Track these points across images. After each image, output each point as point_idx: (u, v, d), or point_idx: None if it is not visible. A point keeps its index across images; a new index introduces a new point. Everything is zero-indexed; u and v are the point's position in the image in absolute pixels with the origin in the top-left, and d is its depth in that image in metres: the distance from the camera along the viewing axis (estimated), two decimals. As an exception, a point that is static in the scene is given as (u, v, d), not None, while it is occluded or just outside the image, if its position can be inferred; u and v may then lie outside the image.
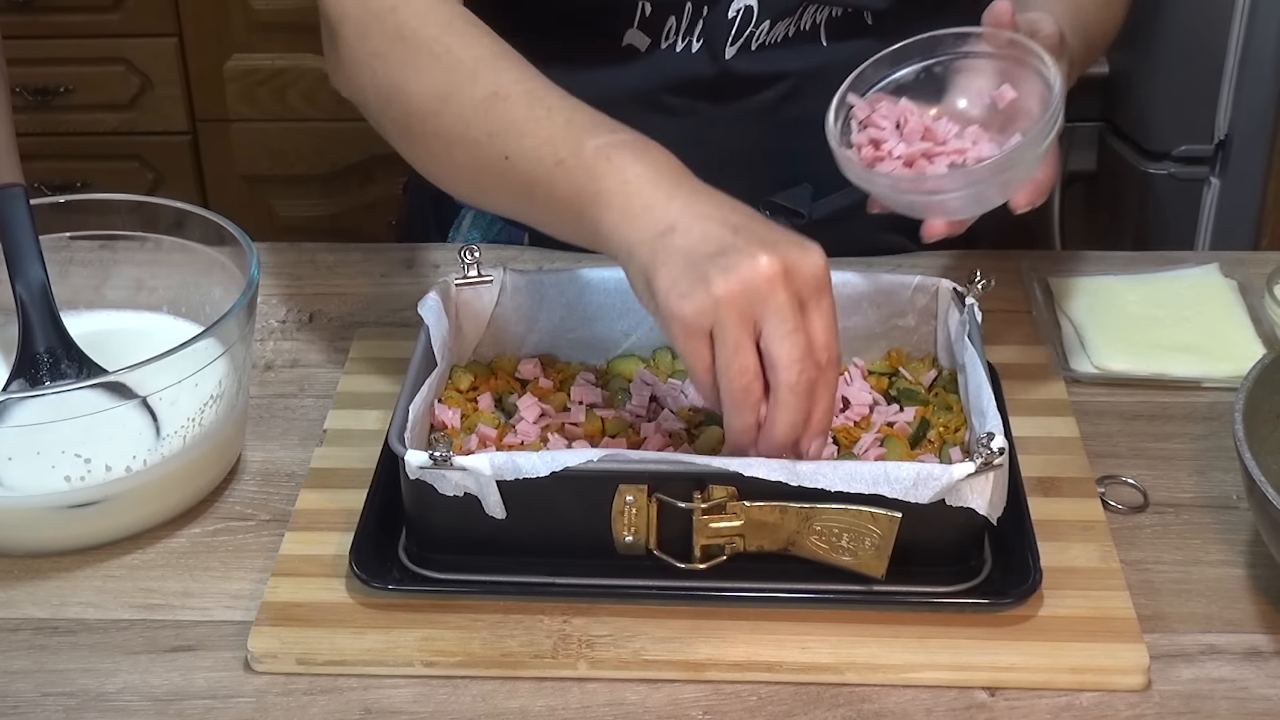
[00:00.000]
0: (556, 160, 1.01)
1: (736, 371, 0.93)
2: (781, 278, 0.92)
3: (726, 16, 1.28)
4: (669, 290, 0.93)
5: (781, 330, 0.92)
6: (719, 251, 0.93)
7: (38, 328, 1.14)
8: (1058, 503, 1.08)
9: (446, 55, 1.09)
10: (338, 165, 2.67)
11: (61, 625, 1.02)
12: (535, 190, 1.03)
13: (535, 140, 1.03)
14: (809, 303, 0.94)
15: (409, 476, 0.99)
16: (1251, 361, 1.05)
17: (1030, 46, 1.09)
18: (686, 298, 0.92)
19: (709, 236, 0.94)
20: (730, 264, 0.92)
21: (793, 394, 0.93)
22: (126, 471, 1.06)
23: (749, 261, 0.92)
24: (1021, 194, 1.08)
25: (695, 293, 0.92)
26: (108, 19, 2.55)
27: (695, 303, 0.92)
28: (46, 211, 1.19)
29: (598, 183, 0.99)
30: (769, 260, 0.92)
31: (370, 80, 1.13)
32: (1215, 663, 0.97)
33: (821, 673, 0.96)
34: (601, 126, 1.03)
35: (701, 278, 0.92)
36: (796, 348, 0.92)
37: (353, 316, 1.33)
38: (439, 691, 0.96)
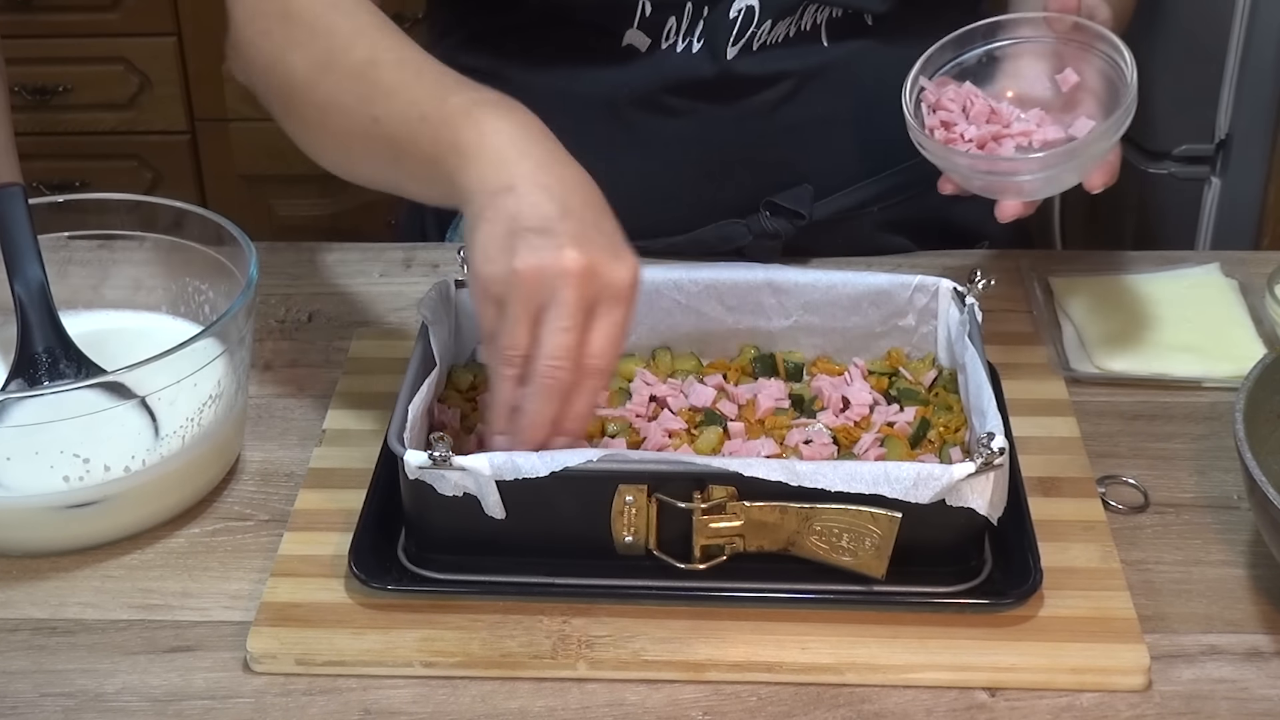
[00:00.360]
0: (421, 116, 1.03)
1: (507, 344, 0.96)
2: (579, 276, 0.94)
3: (728, 17, 1.28)
4: (479, 249, 0.96)
5: (556, 325, 0.94)
6: (537, 229, 0.95)
7: (36, 327, 1.13)
8: (1058, 503, 1.08)
9: (327, 30, 1.12)
10: (337, 165, 2.66)
11: (60, 625, 1.01)
12: (401, 148, 1.05)
13: (402, 101, 1.05)
14: (599, 308, 0.95)
15: (408, 476, 0.99)
16: (1252, 361, 1.05)
17: (1100, 31, 1.14)
18: (490, 263, 0.95)
19: (538, 210, 0.96)
20: (539, 246, 0.94)
21: (543, 387, 0.95)
22: (125, 471, 1.06)
23: (555, 251, 0.94)
24: (1097, 175, 1.12)
25: (498, 260, 0.95)
26: (107, 18, 2.55)
27: (493, 270, 0.95)
28: (45, 211, 1.19)
29: (456, 134, 1.01)
30: (575, 256, 0.94)
31: (255, 56, 1.17)
32: (1216, 663, 0.97)
33: (821, 673, 0.96)
34: (466, 85, 1.05)
35: (509, 249, 0.95)
36: (562, 346, 0.94)
37: (352, 316, 1.33)
38: (438, 692, 0.96)
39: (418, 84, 1.06)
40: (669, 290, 1.17)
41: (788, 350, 1.18)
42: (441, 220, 1.51)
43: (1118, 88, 1.13)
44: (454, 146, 1.00)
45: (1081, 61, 1.16)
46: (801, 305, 1.17)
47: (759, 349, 1.18)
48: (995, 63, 1.19)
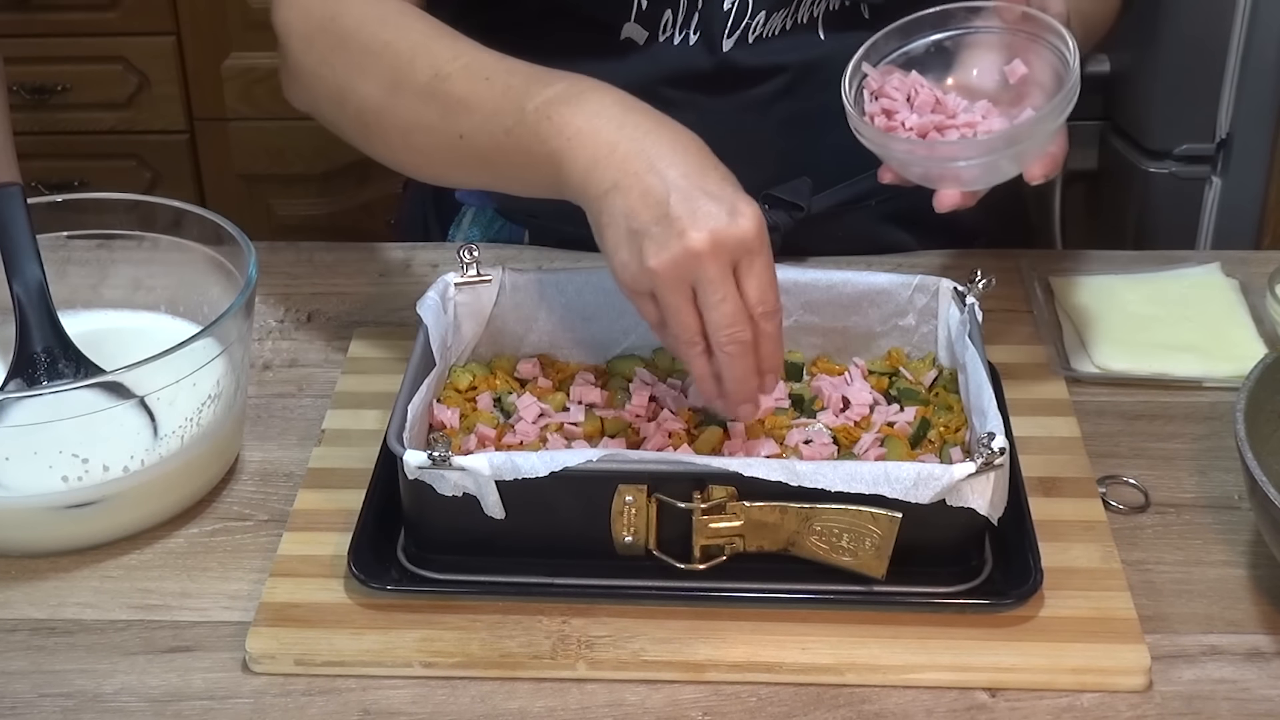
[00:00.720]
0: (505, 130, 1.06)
1: (677, 331, 1.00)
2: (709, 252, 0.97)
3: (723, 8, 1.28)
4: (611, 256, 1.00)
5: (711, 300, 0.98)
6: (654, 221, 0.98)
7: (35, 327, 1.13)
8: (1059, 503, 1.08)
9: (385, 50, 1.13)
10: (336, 164, 2.66)
11: (59, 626, 1.01)
12: (494, 161, 1.08)
13: (482, 114, 1.08)
14: (740, 265, 0.98)
15: (408, 476, 0.99)
16: (1253, 361, 1.05)
17: (1047, 21, 1.12)
18: (625, 267, 0.99)
19: (646, 201, 0.98)
20: (662, 239, 0.97)
21: (729, 354, 0.99)
22: (124, 471, 1.05)
23: (678, 240, 0.97)
24: (1036, 166, 1.10)
25: (632, 264, 0.99)
26: (105, 17, 2.55)
27: (632, 272, 0.99)
28: (44, 210, 1.19)
29: (545, 145, 1.03)
30: (697, 237, 0.96)
31: (321, 87, 1.18)
32: (1217, 663, 0.97)
33: (822, 673, 0.96)
34: (536, 83, 1.06)
35: (637, 251, 0.98)
36: (726, 314, 0.98)
37: (351, 316, 1.33)
38: (437, 692, 0.96)
39: (490, 93, 1.08)
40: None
41: (788, 350, 1.18)
42: (443, 219, 1.51)
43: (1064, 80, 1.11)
44: (548, 159, 1.03)
45: (1031, 53, 1.14)
46: (801, 305, 1.16)
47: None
48: (944, 53, 1.17)
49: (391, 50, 1.13)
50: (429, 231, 1.51)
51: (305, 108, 1.23)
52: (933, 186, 1.11)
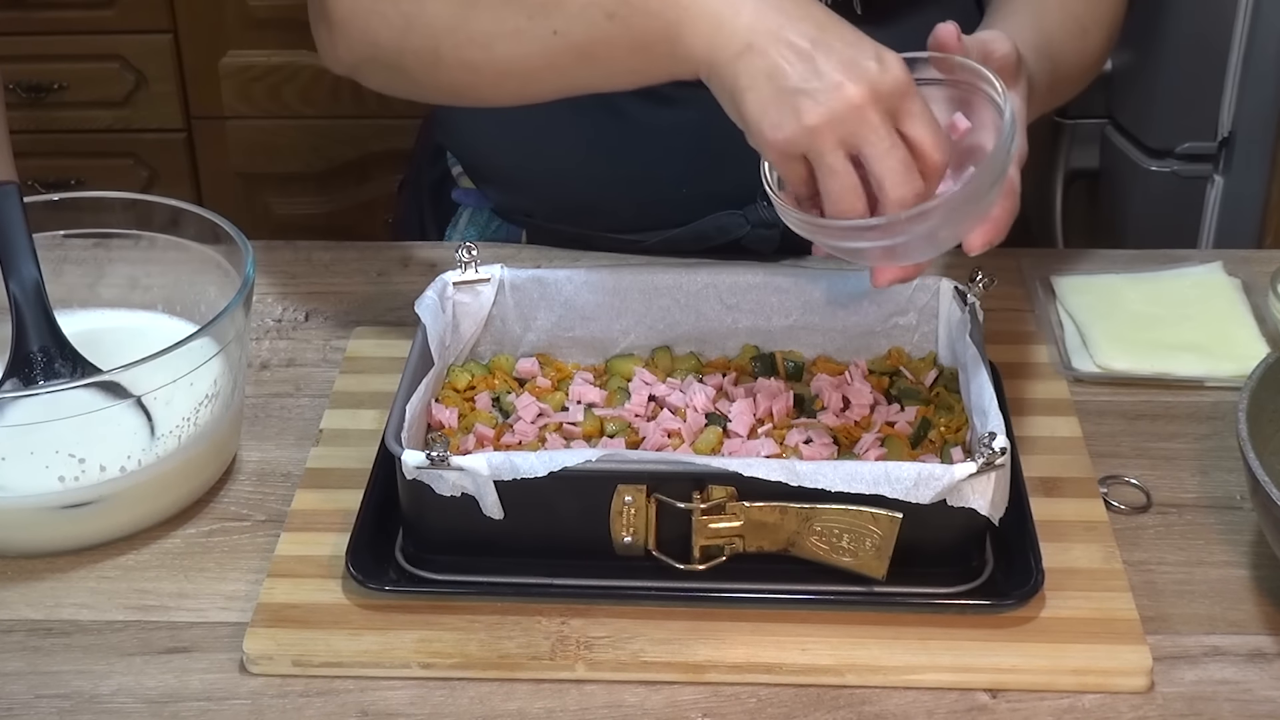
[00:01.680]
0: (607, 15, 1.02)
1: (837, 194, 0.96)
2: (869, 101, 0.94)
3: None
4: (760, 119, 0.96)
5: (879, 149, 0.94)
6: (804, 78, 0.94)
7: (31, 327, 1.13)
8: (1060, 503, 1.08)
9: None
10: (334, 163, 2.66)
11: (55, 626, 1.01)
12: (595, 52, 1.04)
13: (577, 5, 1.03)
14: (899, 112, 0.95)
15: (406, 477, 0.99)
16: (1255, 361, 1.05)
17: (977, 70, 1.02)
18: (779, 128, 0.95)
19: (789, 57, 0.95)
20: (817, 94, 0.94)
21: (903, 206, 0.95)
22: (121, 471, 1.05)
23: (835, 92, 0.93)
24: (976, 235, 1.01)
25: (786, 123, 0.95)
26: (102, 15, 2.54)
27: (788, 133, 0.95)
28: (40, 209, 1.18)
29: (658, 19, 1.00)
30: (854, 88, 0.93)
31: (381, 23, 1.12)
32: (1218, 664, 0.97)
33: (822, 674, 0.96)
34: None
35: (792, 109, 0.94)
36: (898, 164, 0.94)
37: (349, 315, 1.33)
38: (436, 693, 0.96)
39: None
40: (669, 289, 1.17)
41: (788, 349, 1.18)
42: (439, 219, 1.51)
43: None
44: (663, 33, 0.99)
45: (976, 107, 1.04)
46: (802, 304, 1.16)
47: (759, 348, 1.18)
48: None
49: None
50: (425, 232, 1.51)
51: (355, 58, 1.16)
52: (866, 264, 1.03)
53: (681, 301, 1.16)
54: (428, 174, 1.53)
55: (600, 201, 1.19)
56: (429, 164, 1.53)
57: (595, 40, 1.03)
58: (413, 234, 1.52)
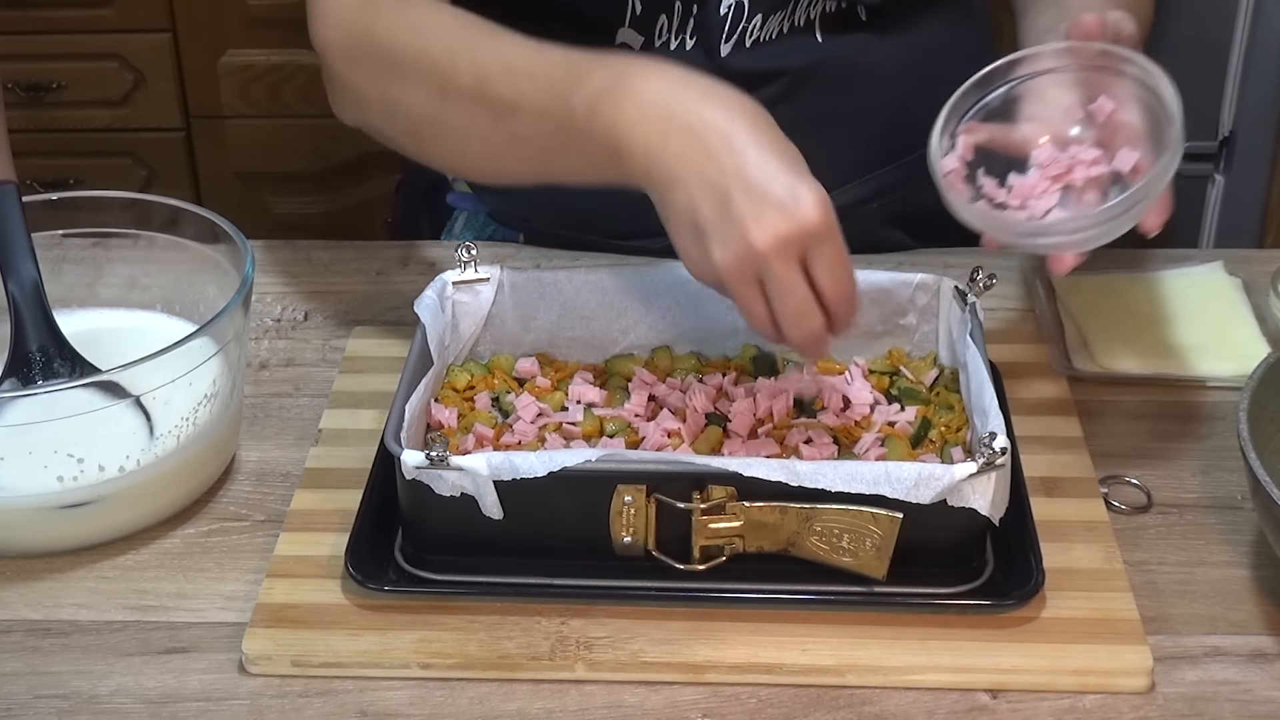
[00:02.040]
0: (557, 128, 1.04)
1: (754, 320, 0.99)
2: (774, 250, 0.95)
3: (718, 13, 1.27)
4: (682, 254, 1.00)
5: (776, 293, 0.97)
6: (717, 217, 0.96)
7: (30, 326, 1.13)
8: (1060, 503, 1.08)
9: (423, 57, 1.11)
10: (333, 162, 2.65)
11: (54, 627, 1.01)
12: (552, 159, 1.07)
13: (531, 114, 1.06)
14: (809, 254, 0.96)
15: (405, 477, 0.98)
16: (1256, 360, 1.04)
17: (1129, 56, 1.08)
18: (694, 263, 0.99)
19: (706, 194, 0.96)
20: (725, 237, 0.96)
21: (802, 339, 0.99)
22: (120, 471, 1.05)
23: (741, 239, 0.95)
24: (1152, 216, 1.07)
25: (700, 261, 0.98)
26: (101, 14, 2.54)
27: (700, 268, 0.99)
28: (39, 209, 1.18)
29: (599, 143, 1.02)
30: (760, 235, 0.95)
31: (370, 102, 1.16)
32: (1219, 665, 0.97)
33: (822, 675, 0.96)
34: (577, 75, 1.04)
35: (703, 248, 0.97)
36: (795, 308, 0.97)
37: (348, 315, 1.33)
38: (435, 694, 0.96)
39: (534, 90, 1.05)
40: (669, 289, 1.16)
41: (788, 349, 1.17)
42: (435, 221, 1.51)
43: (1154, 110, 1.08)
44: (607, 152, 1.01)
45: (1112, 87, 1.11)
46: (801, 304, 1.16)
47: (759, 348, 1.17)
48: (1020, 99, 1.13)
49: (430, 57, 1.11)
50: (421, 233, 1.51)
51: (356, 123, 1.20)
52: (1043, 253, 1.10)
53: (681, 301, 1.16)
54: (423, 178, 1.53)
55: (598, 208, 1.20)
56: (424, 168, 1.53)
57: (550, 149, 1.06)
58: (411, 234, 1.52)
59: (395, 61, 1.13)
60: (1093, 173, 1.08)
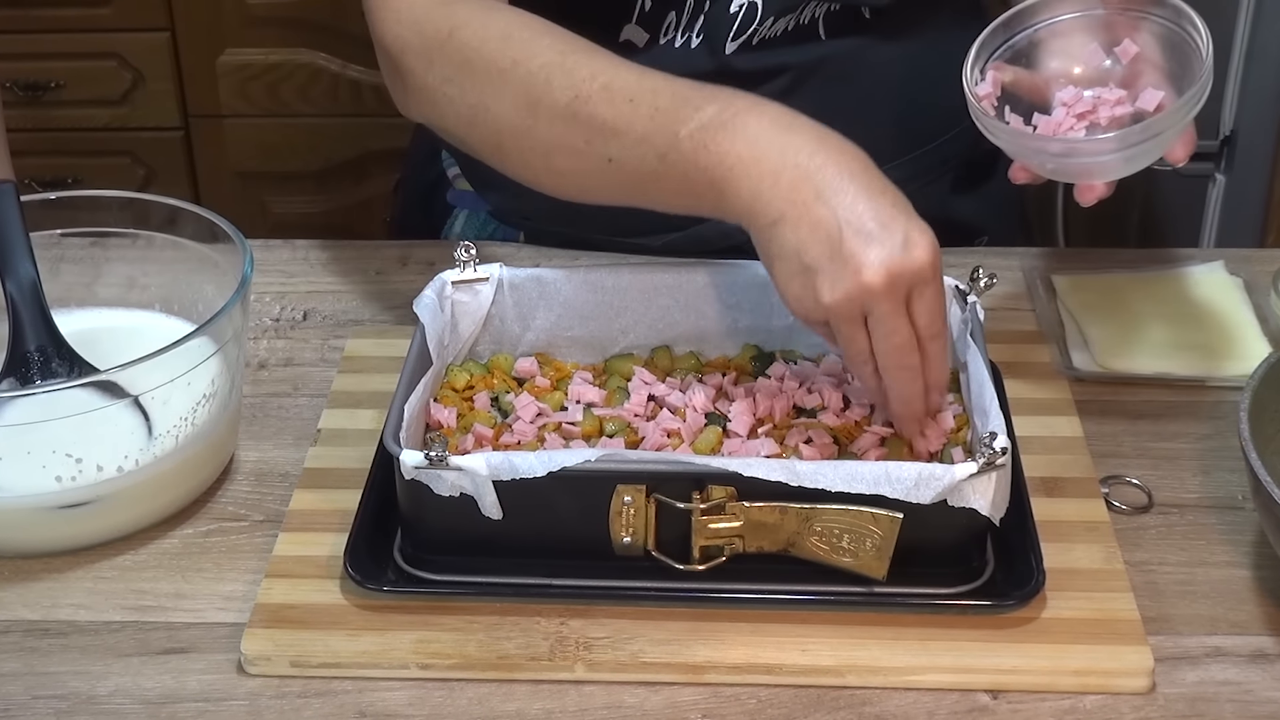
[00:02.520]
0: (658, 156, 1.04)
1: (851, 357, 1.02)
2: (884, 290, 0.97)
3: (729, 12, 1.27)
4: (784, 290, 1.01)
5: (883, 332, 0.99)
6: (827, 256, 0.97)
7: (28, 326, 1.12)
8: (1061, 503, 1.07)
9: (515, 69, 1.09)
10: (332, 161, 2.65)
11: (52, 627, 1.01)
12: (646, 185, 1.06)
13: (631, 138, 1.05)
14: (912, 294, 0.98)
15: (404, 477, 0.98)
16: (1257, 360, 1.04)
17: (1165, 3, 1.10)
18: (800, 302, 1.00)
19: (817, 235, 0.98)
20: (836, 276, 0.97)
21: (894, 379, 1.01)
22: (118, 471, 1.05)
23: (853, 278, 0.97)
24: (1180, 147, 1.09)
25: (806, 299, 0.99)
26: (99, 13, 2.54)
27: (807, 307, 1.00)
28: (37, 208, 1.18)
29: (704, 174, 1.02)
30: (871, 275, 0.96)
31: (449, 107, 1.14)
32: (1220, 665, 0.97)
33: (822, 675, 0.96)
34: (686, 106, 1.03)
35: (812, 287, 0.98)
36: (896, 348, 0.99)
37: (347, 314, 1.32)
38: (434, 694, 0.95)
39: (636, 117, 1.04)
40: (668, 288, 1.16)
41: (788, 349, 1.17)
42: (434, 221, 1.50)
43: (1181, 51, 1.10)
44: (708, 186, 1.02)
45: (1135, 31, 1.13)
46: (802, 303, 1.16)
47: (759, 347, 1.17)
48: (1045, 42, 1.15)
49: (523, 69, 1.09)
50: (421, 234, 1.50)
51: (427, 122, 1.18)
52: (1070, 181, 1.11)
53: (681, 301, 1.16)
54: (422, 176, 1.53)
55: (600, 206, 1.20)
56: (423, 166, 1.52)
57: (646, 175, 1.05)
58: (411, 233, 1.51)
59: (481, 70, 1.11)
60: (1117, 112, 1.10)
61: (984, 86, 1.13)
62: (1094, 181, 1.09)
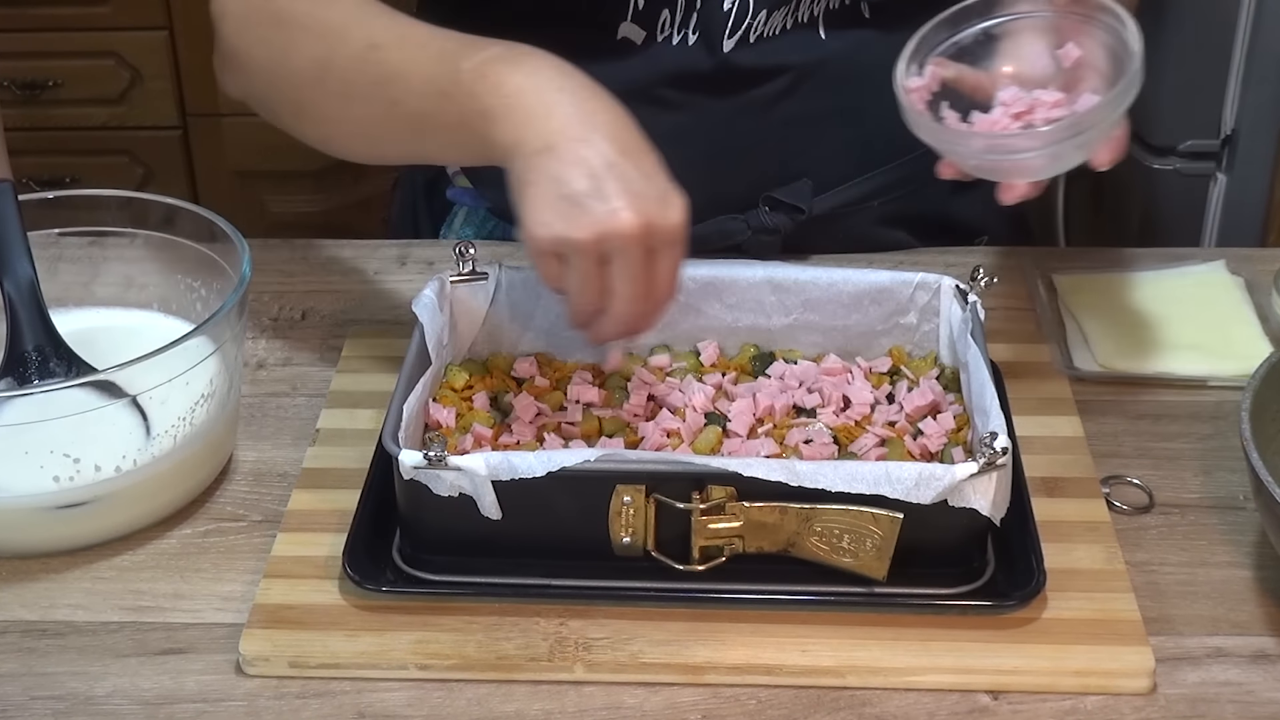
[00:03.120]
0: (439, 92, 1.05)
1: (582, 303, 1.00)
2: (637, 235, 0.97)
3: (723, 8, 1.27)
4: (532, 215, 0.98)
5: (626, 273, 0.98)
6: (586, 192, 0.97)
7: (26, 325, 1.12)
8: (1062, 503, 1.07)
9: (318, 24, 1.13)
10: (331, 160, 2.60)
11: (50, 628, 1.00)
12: (425, 126, 1.08)
13: (416, 78, 1.07)
14: (658, 252, 0.98)
15: (403, 477, 0.98)
16: (1258, 360, 1.04)
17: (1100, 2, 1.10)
18: (545, 227, 0.98)
19: (581, 168, 0.97)
20: (593, 211, 0.96)
21: (618, 322, 1.01)
22: (116, 472, 1.05)
23: (610, 216, 0.96)
24: (1103, 151, 1.09)
25: (554, 225, 0.97)
26: (97, 12, 2.54)
27: (552, 234, 0.98)
28: (35, 207, 1.18)
29: (479, 101, 1.02)
30: (629, 217, 0.96)
31: (255, 68, 1.18)
32: (1222, 666, 0.96)
33: (822, 676, 0.95)
34: (472, 47, 1.06)
35: (564, 215, 0.97)
36: (631, 293, 0.99)
37: (346, 314, 1.32)
38: (433, 695, 0.95)
39: (425, 58, 1.07)
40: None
41: (788, 349, 1.17)
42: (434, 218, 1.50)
43: (1122, 60, 1.09)
44: (481, 115, 1.02)
45: (1083, 35, 1.12)
46: (802, 303, 1.16)
47: (759, 347, 1.17)
48: (992, 40, 1.15)
49: (323, 24, 1.13)
50: (419, 232, 1.50)
51: (239, 94, 1.22)
52: (995, 179, 1.10)
53: (681, 300, 1.16)
54: (421, 173, 1.53)
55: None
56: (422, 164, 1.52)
57: (427, 115, 1.07)
58: (409, 232, 1.51)
59: (288, 26, 1.15)
60: (1054, 114, 1.09)
61: (917, 80, 1.12)
62: (1015, 181, 1.09)
